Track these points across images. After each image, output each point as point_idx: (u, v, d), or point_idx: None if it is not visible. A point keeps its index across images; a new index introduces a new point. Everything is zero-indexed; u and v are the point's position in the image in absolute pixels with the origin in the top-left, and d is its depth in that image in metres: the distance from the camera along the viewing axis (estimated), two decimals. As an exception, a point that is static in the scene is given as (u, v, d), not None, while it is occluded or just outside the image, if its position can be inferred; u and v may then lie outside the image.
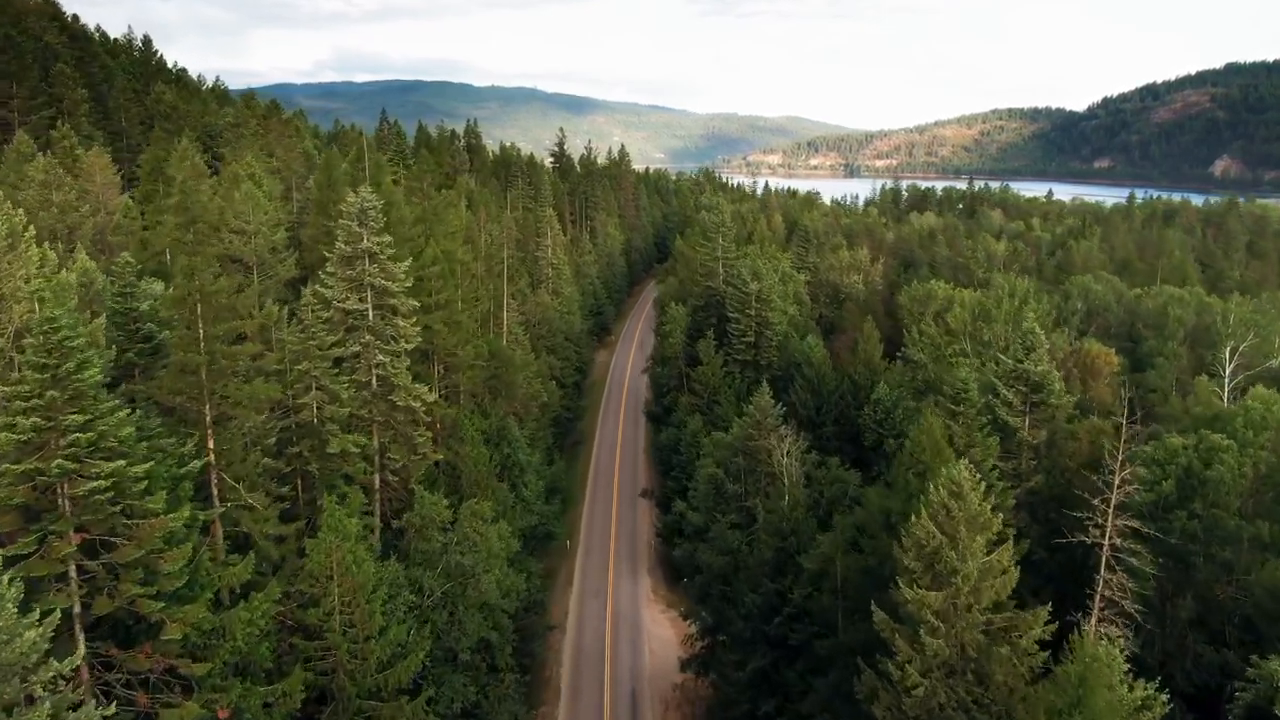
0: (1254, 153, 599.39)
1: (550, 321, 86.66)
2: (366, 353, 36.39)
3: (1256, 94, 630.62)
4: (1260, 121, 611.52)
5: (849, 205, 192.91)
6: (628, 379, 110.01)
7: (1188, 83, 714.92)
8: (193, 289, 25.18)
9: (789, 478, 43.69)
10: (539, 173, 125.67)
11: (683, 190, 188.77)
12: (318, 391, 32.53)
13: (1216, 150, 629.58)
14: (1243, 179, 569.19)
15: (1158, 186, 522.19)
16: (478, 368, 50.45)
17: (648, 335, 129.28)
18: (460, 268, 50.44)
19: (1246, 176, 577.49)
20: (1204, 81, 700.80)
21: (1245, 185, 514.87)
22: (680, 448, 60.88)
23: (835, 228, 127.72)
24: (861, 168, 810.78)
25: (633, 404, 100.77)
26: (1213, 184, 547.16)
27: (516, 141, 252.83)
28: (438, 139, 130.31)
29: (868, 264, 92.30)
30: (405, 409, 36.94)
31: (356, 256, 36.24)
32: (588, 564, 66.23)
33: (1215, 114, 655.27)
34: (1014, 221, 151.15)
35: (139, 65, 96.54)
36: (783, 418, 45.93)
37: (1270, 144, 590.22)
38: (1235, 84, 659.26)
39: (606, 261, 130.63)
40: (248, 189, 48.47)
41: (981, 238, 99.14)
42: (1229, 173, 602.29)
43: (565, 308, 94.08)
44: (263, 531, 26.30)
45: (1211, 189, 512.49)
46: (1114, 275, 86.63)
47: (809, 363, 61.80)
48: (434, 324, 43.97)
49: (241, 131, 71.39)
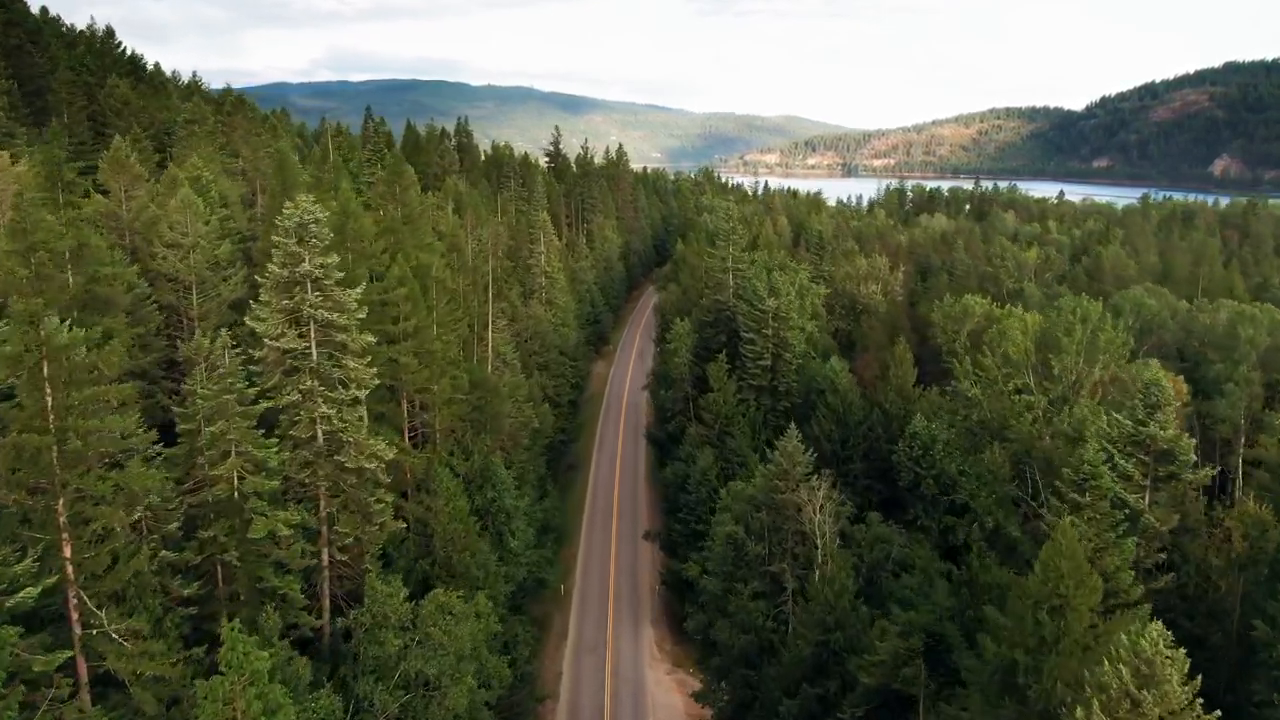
0: (1253, 152, 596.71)
1: (544, 335, 79.36)
2: (308, 402, 29.10)
3: (1255, 93, 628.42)
4: (1260, 121, 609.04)
5: (854, 206, 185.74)
6: (627, 393, 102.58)
7: (1186, 82, 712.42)
8: (34, 343, 17.86)
9: (823, 538, 36.65)
10: (533, 173, 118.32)
11: (683, 191, 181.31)
12: (237, 458, 25.25)
13: (1216, 150, 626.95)
14: (1242, 178, 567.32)
15: (1157, 186, 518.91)
16: (457, 402, 43.32)
17: (647, 344, 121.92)
18: (437, 285, 43.20)
19: (1246, 176, 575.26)
20: (1203, 81, 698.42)
21: (1245, 185, 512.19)
22: (689, 485, 53.82)
23: (845, 231, 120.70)
24: (859, 167, 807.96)
25: (633, 422, 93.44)
26: (1212, 183, 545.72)
27: (513, 141, 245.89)
28: (426, 138, 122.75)
29: (887, 272, 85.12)
30: (357, 470, 29.68)
31: (295, 282, 28.96)
32: (584, 613, 58.96)
33: (1214, 113, 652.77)
34: (1029, 224, 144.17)
35: (97, 57, 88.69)
36: (814, 464, 38.81)
37: (1270, 143, 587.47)
38: (1234, 83, 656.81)
39: (604, 266, 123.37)
40: (185, 195, 41.09)
41: (1003, 243, 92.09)
42: (1229, 172, 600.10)
43: (560, 319, 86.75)
44: (136, 671, 19.04)
45: (1211, 188, 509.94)
46: (1154, 285, 79.66)
47: (833, 389, 54.73)
48: (401, 356, 36.80)
49: (195, 129, 63.72)
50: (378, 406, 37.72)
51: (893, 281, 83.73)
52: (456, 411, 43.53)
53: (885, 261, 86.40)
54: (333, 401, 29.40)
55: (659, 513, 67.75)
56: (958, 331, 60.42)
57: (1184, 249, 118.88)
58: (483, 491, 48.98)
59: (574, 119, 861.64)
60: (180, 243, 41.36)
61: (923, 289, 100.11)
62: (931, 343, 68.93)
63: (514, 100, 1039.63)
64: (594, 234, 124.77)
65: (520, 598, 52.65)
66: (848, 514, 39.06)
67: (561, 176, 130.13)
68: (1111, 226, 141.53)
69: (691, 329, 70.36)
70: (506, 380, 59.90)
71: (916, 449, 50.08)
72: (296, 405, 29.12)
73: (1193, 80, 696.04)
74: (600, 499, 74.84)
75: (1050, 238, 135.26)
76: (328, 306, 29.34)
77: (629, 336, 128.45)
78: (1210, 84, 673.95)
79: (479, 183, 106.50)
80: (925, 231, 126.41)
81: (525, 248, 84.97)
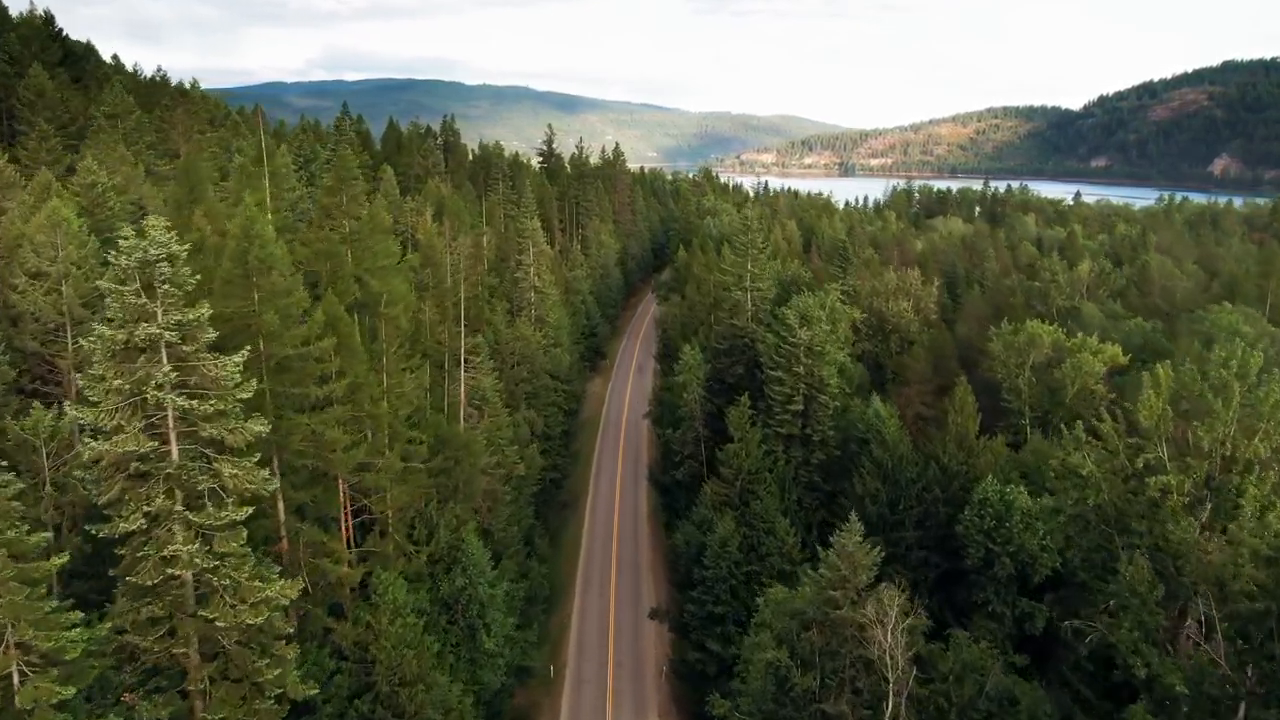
0: (1254, 151, 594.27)
1: (532, 359, 69.28)
2: (159, 530, 19.21)
3: (1254, 92, 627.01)
4: (1259, 120, 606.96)
5: (860, 208, 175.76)
6: (626, 416, 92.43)
7: (1185, 81, 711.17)
8: None
9: (896, 670, 27.05)
10: (524, 175, 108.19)
11: (683, 193, 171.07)
12: (15, 652, 15.35)
13: (1215, 149, 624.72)
14: (1242, 178, 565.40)
15: (1157, 185, 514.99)
16: (414, 474, 33.52)
17: (647, 359, 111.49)
18: (387, 323, 33.28)
19: (1246, 176, 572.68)
20: (1201, 80, 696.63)
21: (1245, 184, 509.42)
22: (705, 559, 44.07)
23: (862, 237, 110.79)
24: (856, 167, 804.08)
25: (633, 449, 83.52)
26: (1212, 183, 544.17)
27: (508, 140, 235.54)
28: (408, 136, 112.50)
29: (919, 287, 75.21)
30: (237, 628, 19.79)
31: (138, 349, 19.09)
32: (578, 703, 49.10)
33: (1213, 112, 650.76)
34: (1052, 228, 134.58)
35: (27, 44, 78.27)
36: (879, 563, 29.06)
37: (1270, 143, 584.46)
38: (1233, 82, 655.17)
39: (601, 274, 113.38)
40: (52, 209, 31.11)
41: (1052, 262, 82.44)
42: (1229, 172, 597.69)
43: (552, 337, 76.68)
44: None
45: (1211, 188, 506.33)
46: (1223, 303, 70.15)
47: (879, 440, 45.06)
48: (327, 429, 27.01)
49: (117, 124, 53.53)
50: (298, 495, 27.86)
51: (925, 298, 73.80)
52: (414, 486, 33.75)
53: (916, 274, 76.48)
54: (201, 526, 19.49)
55: (666, 580, 57.82)
56: (1021, 365, 50.92)
57: (1229, 256, 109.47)
58: (450, 578, 39.11)
59: (570, 118, 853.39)
60: (45, 270, 31.40)
61: (953, 306, 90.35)
62: (980, 373, 59.33)
63: (509, 100, 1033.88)
64: (590, 239, 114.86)
65: (498, 699, 42.86)
66: (923, 629, 29.47)
67: (555, 178, 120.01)
68: (1146, 231, 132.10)
69: (702, 358, 60.48)
70: (484, 426, 50.01)
71: (988, 519, 40.41)
72: (142, 534, 19.19)
73: (1191, 79, 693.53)
74: (597, 549, 64.98)
75: (1078, 242, 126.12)
76: (191, 385, 19.42)
77: (627, 349, 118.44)
78: (1209, 83, 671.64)
79: (464, 185, 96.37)
80: (944, 237, 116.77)
81: (513, 259, 74.97)
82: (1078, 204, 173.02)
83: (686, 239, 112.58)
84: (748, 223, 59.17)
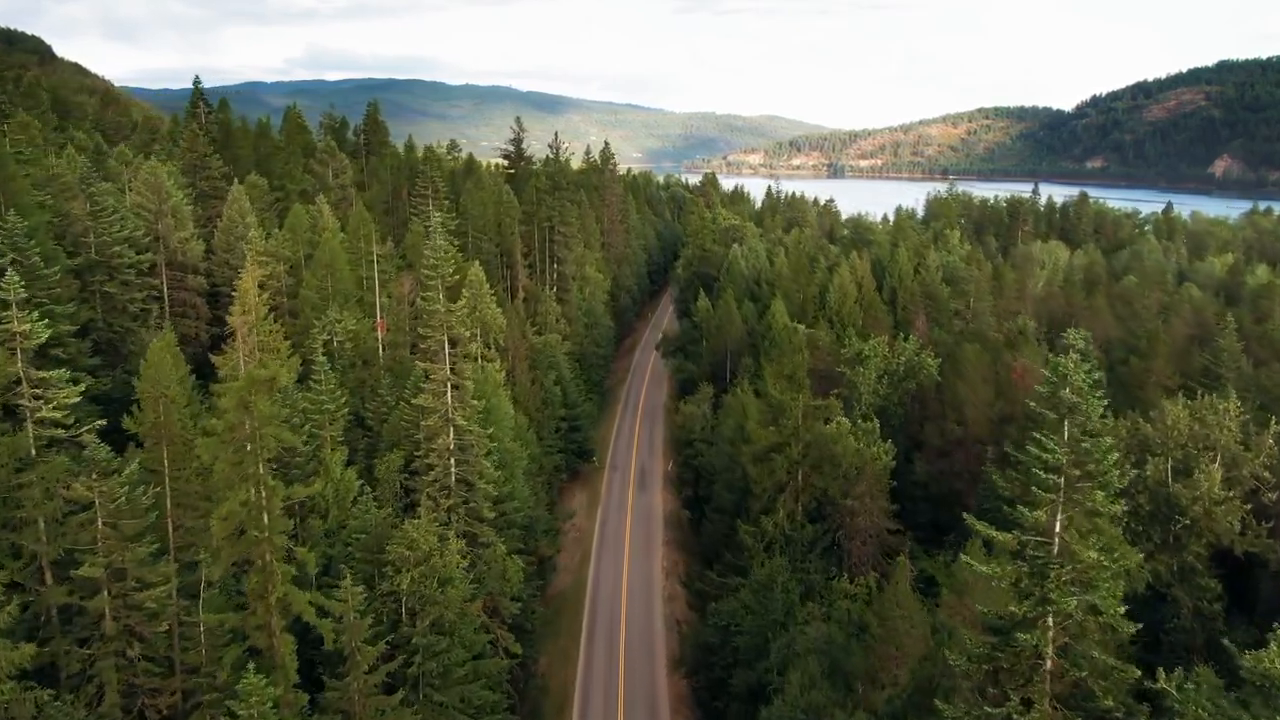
0: (1256, 152, 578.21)
1: (428, 599, 33.66)
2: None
3: (1253, 92, 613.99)
4: (1260, 120, 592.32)
5: (910, 216, 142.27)
6: (626, 590, 53.91)
7: (1180, 80, 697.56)
8: None
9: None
10: (479, 188, 75.45)
11: (689, 207, 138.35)
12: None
13: (1215, 149, 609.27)
14: (1245, 179, 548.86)
15: (1157, 187, 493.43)
16: None
17: (649, 455, 77.54)
18: None
19: (1249, 177, 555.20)
20: (1197, 79, 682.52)
21: (1249, 186, 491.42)
22: None
23: (933, 272, 77.14)
24: (845, 167, 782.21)
25: (645, 654, 48.53)
26: (1213, 184, 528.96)
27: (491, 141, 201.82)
28: (287, 129, 79.63)
29: (1233, 433, 40.02)
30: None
31: None
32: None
33: (1211, 112, 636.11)
34: (1179, 253, 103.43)
35: None
36: None
37: (1272, 143, 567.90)
38: (1230, 82, 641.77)
39: (586, 324, 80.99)
40: None
41: (1208, 306, 51.32)
42: (1230, 173, 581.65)
43: (500, 484, 42.35)
44: None
45: (1213, 189, 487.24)
46: None
47: None
48: None
49: None
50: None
51: (1251, 463, 37.69)
52: None
53: (1231, 406, 41.10)
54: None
55: None
56: None
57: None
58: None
59: (552, 119, 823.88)
60: None
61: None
62: None
63: (492, 100, 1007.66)
64: (568, 276, 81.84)
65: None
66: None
67: (521, 189, 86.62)
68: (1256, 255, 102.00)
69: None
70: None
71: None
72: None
73: (1186, 79, 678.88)
74: None
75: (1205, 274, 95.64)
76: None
77: (623, 429, 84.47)
78: (1205, 83, 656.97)
79: (375, 206, 62.83)
80: (1052, 272, 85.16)
81: (434, 340, 40.16)
82: (1169, 217, 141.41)
83: (705, 278, 79.96)
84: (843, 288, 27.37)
